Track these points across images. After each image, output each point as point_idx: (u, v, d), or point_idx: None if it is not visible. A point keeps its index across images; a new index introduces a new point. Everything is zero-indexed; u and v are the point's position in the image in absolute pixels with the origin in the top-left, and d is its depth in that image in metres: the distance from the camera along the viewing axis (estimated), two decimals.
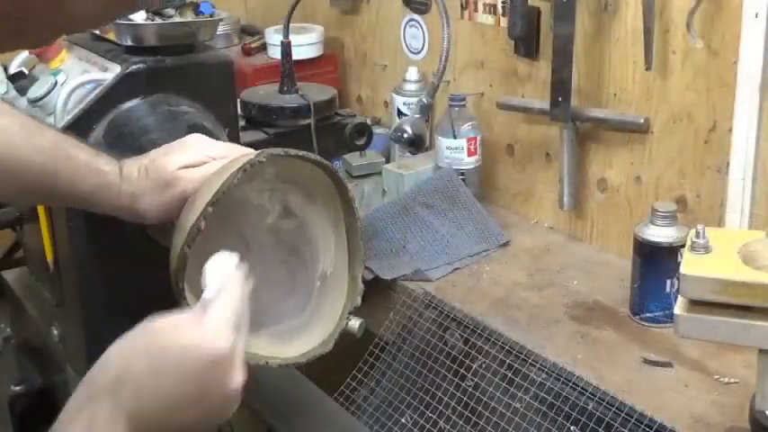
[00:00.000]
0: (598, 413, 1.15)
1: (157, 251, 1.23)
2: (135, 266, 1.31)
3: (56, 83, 1.32)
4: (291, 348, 1.16)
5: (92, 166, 1.11)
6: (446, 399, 1.31)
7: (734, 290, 0.93)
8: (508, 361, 1.27)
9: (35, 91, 1.32)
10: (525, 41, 1.63)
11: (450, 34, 1.49)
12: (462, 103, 1.67)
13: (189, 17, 1.36)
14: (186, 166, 1.10)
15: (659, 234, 1.31)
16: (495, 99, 1.70)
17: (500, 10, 1.68)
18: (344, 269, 1.20)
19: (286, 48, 1.63)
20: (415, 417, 1.33)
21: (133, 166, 1.13)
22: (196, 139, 1.16)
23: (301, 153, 1.10)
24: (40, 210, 1.34)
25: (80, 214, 1.28)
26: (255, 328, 1.14)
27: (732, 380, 1.20)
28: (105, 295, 1.31)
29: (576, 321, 1.37)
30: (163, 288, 1.08)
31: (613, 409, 1.14)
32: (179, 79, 1.31)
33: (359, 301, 1.17)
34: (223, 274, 0.85)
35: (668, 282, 1.31)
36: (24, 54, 1.40)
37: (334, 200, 1.18)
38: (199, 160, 1.11)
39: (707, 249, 0.98)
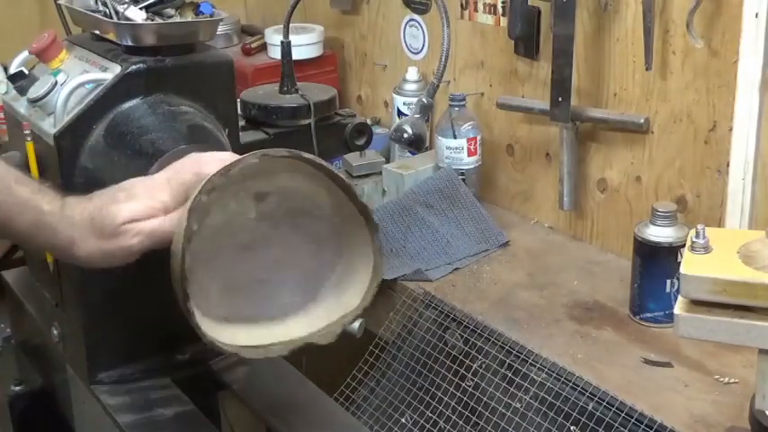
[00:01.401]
0: (598, 413, 1.15)
1: (157, 251, 1.23)
2: (135, 266, 1.30)
3: (56, 83, 1.31)
4: (292, 330, 1.16)
5: (30, 204, 1.07)
6: (446, 399, 1.31)
7: (734, 290, 0.93)
8: (508, 361, 1.27)
9: (35, 91, 1.31)
10: (525, 41, 1.63)
11: (450, 34, 1.48)
12: (462, 103, 1.67)
13: (189, 17, 1.36)
14: (133, 220, 1.07)
15: (659, 234, 1.31)
16: (495, 99, 1.70)
17: (500, 10, 1.68)
18: (367, 269, 1.19)
19: (286, 48, 1.63)
20: (415, 417, 1.33)
21: (77, 207, 1.09)
22: (145, 185, 1.11)
23: (242, 165, 1.06)
24: None
25: None
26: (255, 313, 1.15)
27: (732, 380, 1.20)
28: (105, 295, 1.31)
29: (575, 321, 1.37)
30: (163, 288, 1.08)
31: (613, 409, 1.14)
32: (179, 79, 1.31)
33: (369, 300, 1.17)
34: None
35: (668, 282, 1.31)
36: (24, 54, 1.40)
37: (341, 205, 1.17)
38: (146, 213, 1.07)
39: (707, 249, 0.98)
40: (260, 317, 1.15)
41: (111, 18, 1.33)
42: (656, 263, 1.31)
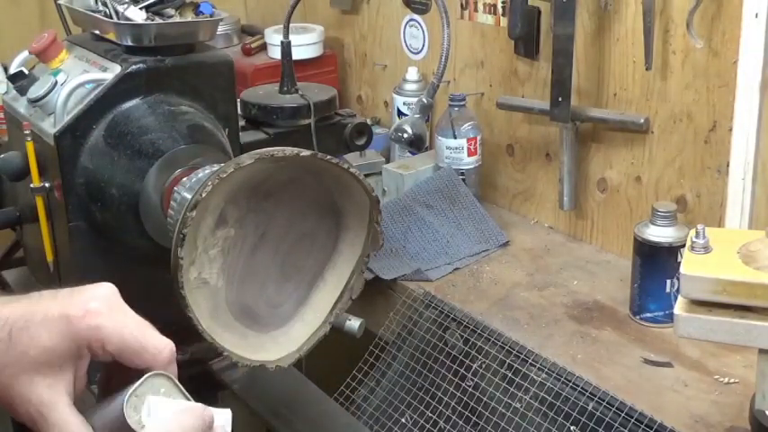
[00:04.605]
0: (598, 413, 1.15)
1: (157, 251, 1.23)
2: (135, 266, 1.30)
3: (56, 83, 1.31)
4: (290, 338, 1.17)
5: None
6: (446, 399, 1.31)
7: (734, 290, 0.93)
8: (508, 361, 1.27)
9: (35, 91, 1.31)
10: (525, 41, 1.63)
11: (450, 34, 1.48)
12: (462, 103, 1.67)
13: (189, 17, 1.36)
14: None
15: (659, 234, 1.31)
16: (495, 99, 1.70)
17: (500, 10, 1.68)
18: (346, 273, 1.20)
19: (286, 48, 1.63)
20: (415, 417, 1.33)
21: None
22: None
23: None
24: (40, 210, 1.34)
25: (80, 215, 1.28)
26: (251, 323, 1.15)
27: (732, 380, 1.20)
28: None
29: (575, 321, 1.37)
30: (163, 288, 1.08)
31: (613, 409, 1.14)
32: (179, 79, 1.31)
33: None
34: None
35: (668, 282, 1.31)
36: (24, 54, 1.40)
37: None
38: None
39: (707, 249, 0.98)
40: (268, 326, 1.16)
41: (111, 18, 1.33)
42: (656, 263, 1.31)
